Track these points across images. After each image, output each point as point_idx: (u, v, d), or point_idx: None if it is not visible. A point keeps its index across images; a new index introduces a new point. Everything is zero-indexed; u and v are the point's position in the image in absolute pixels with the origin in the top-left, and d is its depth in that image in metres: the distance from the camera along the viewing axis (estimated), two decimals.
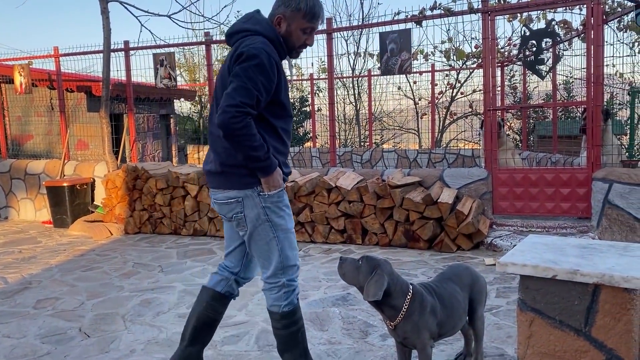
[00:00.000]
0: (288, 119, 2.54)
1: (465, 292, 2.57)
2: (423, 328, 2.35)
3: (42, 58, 8.34)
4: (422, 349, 2.36)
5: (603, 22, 5.61)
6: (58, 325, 3.67)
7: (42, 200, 7.96)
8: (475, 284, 2.63)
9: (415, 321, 2.34)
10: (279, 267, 2.52)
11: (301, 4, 2.42)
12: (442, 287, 2.50)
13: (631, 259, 1.76)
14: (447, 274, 2.64)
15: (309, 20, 2.44)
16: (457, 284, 2.56)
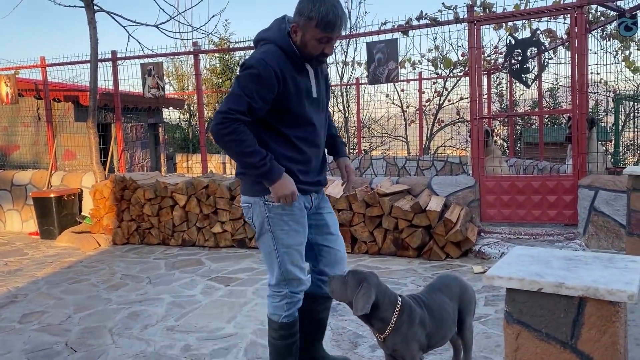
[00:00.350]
0: (308, 127, 2.49)
1: (454, 303, 2.58)
2: (412, 340, 2.35)
3: (29, 68, 8.29)
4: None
5: (587, 31, 5.69)
6: (44, 340, 3.63)
7: (29, 212, 7.88)
8: (464, 294, 2.63)
9: (404, 333, 2.34)
10: (280, 278, 2.55)
11: (313, 12, 2.28)
12: (431, 299, 2.51)
13: (615, 271, 1.78)
14: (436, 284, 2.64)
15: (322, 29, 2.30)
16: (446, 295, 2.56)
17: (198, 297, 4.44)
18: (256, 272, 5.13)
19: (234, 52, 14.21)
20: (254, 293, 4.46)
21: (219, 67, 15.14)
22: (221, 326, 3.75)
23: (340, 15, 2.31)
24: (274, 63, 2.33)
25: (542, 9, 5.59)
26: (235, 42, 9.85)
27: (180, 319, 3.94)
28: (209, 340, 3.51)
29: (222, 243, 6.20)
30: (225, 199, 6.09)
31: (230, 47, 10.50)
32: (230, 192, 6.09)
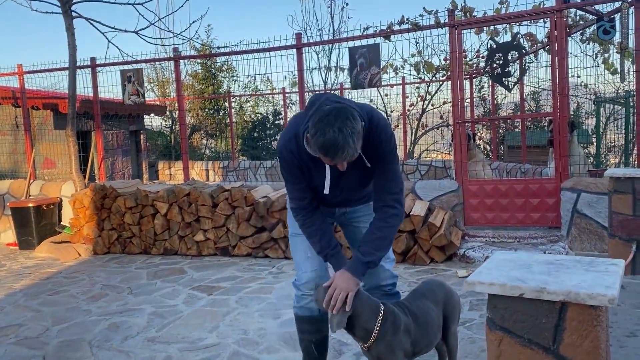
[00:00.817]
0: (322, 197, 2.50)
1: (438, 309, 2.55)
2: (397, 348, 2.32)
3: (6, 76, 8.15)
4: None
5: (567, 34, 5.73)
6: (21, 354, 3.53)
7: (7, 222, 7.72)
8: (449, 301, 2.61)
9: (388, 341, 2.31)
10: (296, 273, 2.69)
11: (314, 138, 2.10)
12: (415, 305, 2.47)
13: (596, 275, 1.76)
14: (420, 290, 2.61)
15: (324, 155, 2.14)
16: (430, 300, 2.53)
17: (180, 306, 4.37)
18: (239, 280, 5.07)
19: (215, 58, 14.17)
20: (237, 302, 4.40)
21: (201, 73, 15.07)
22: (203, 336, 3.68)
23: (340, 147, 2.06)
24: (294, 146, 2.34)
25: (522, 13, 5.62)
26: (217, 47, 9.78)
27: (161, 329, 3.86)
28: (190, 351, 3.44)
29: (205, 251, 6.12)
30: (208, 207, 6.02)
31: (212, 53, 10.43)
32: (212, 200, 6.02)
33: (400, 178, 2.41)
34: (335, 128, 2.04)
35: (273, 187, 6.47)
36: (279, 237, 5.79)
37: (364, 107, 2.35)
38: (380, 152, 2.33)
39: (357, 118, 2.13)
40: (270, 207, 5.78)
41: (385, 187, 2.38)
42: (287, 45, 6.69)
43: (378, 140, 2.30)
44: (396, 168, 2.38)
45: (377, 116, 2.35)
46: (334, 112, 2.08)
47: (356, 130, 2.09)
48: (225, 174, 12.35)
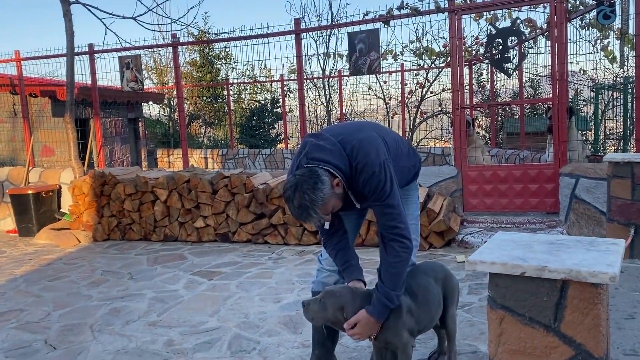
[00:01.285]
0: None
1: (438, 286, 2.57)
2: (401, 329, 2.37)
3: (3, 62, 8.10)
4: (404, 350, 2.38)
5: (566, 20, 5.71)
6: (22, 338, 3.55)
7: (6, 209, 7.71)
8: (448, 281, 2.63)
9: (393, 326, 2.35)
10: None
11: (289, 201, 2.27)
12: (415, 283, 2.49)
13: (597, 254, 1.77)
14: (420, 267, 2.65)
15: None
16: (431, 277, 2.56)
17: (181, 291, 4.39)
18: (239, 265, 5.09)
19: (213, 45, 14.10)
20: (237, 287, 4.42)
21: (199, 61, 15.00)
22: (204, 320, 3.70)
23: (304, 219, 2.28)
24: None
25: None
26: (215, 34, 9.73)
27: (162, 314, 3.89)
28: (192, 335, 3.47)
29: (205, 237, 6.14)
30: (207, 193, 6.03)
31: (210, 39, 10.38)
32: (212, 186, 6.02)
33: (398, 212, 2.34)
34: (295, 204, 2.24)
35: (272, 174, 6.47)
36: (278, 223, 5.80)
37: (352, 146, 2.31)
38: (367, 192, 2.35)
39: (322, 184, 2.22)
40: (270, 194, 5.79)
41: (384, 224, 2.36)
42: (285, 31, 6.66)
43: (362, 182, 2.32)
44: (391, 203, 2.32)
45: (360, 159, 2.30)
46: (294, 186, 2.23)
47: (317, 200, 2.21)
48: (224, 162, 12.34)
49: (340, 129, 2.47)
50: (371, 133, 2.43)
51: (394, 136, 2.64)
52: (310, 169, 2.26)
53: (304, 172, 2.26)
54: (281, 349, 3.17)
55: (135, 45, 7.39)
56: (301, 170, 2.28)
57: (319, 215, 2.26)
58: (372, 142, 2.37)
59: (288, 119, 13.34)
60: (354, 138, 2.36)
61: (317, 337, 2.77)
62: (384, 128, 2.66)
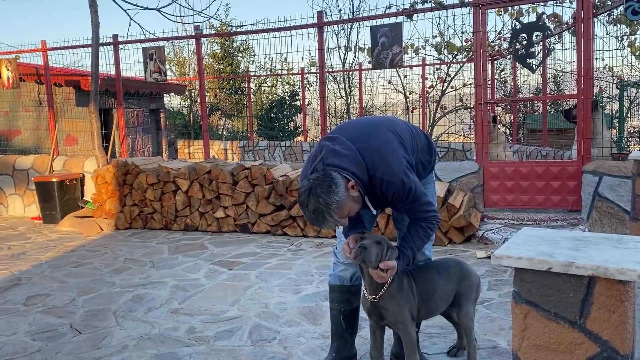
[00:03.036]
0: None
1: (448, 283, 2.58)
2: (404, 305, 2.41)
3: (30, 52, 8.24)
4: (405, 329, 2.41)
5: (593, 15, 5.62)
6: (49, 322, 3.64)
7: (31, 196, 7.88)
8: (464, 280, 2.63)
9: (396, 297, 2.40)
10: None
11: (303, 206, 2.26)
12: (419, 274, 2.56)
13: (625, 251, 1.77)
14: (433, 263, 2.68)
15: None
16: (441, 275, 2.58)
17: (202, 280, 4.45)
18: (259, 256, 5.13)
19: (234, 37, 14.15)
20: (257, 277, 4.47)
21: (220, 53, 15.07)
22: (225, 309, 3.75)
23: (319, 223, 2.25)
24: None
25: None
26: (237, 26, 9.77)
27: (184, 301, 3.95)
28: (213, 323, 3.52)
29: (225, 228, 6.20)
30: (228, 184, 6.08)
31: (233, 32, 10.42)
32: (232, 177, 6.07)
33: (425, 202, 2.39)
34: (310, 208, 2.21)
35: (292, 166, 6.50)
36: (297, 215, 5.83)
37: (371, 157, 2.30)
38: (394, 199, 2.37)
39: (337, 188, 2.19)
40: (289, 186, 5.82)
41: (416, 217, 2.44)
42: (308, 24, 6.66)
43: (387, 193, 2.34)
44: (419, 201, 2.37)
45: (382, 171, 2.29)
46: (308, 190, 2.21)
47: (332, 204, 2.19)
48: (243, 154, 12.42)
49: (356, 132, 2.40)
50: (387, 136, 2.40)
51: (409, 129, 2.60)
52: (324, 172, 2.25)
53: (318, 175, 2.24)
54: (301, 339, 3.21)
55: (158, 37, 7.46)
56: (315, 174, 2.27)
57: (335, 219, 2.24)
58: (390, 147, 2.35)
59: (307, 112, 13.37)
60: (371, 144, 2.33)
61: (336, 330, 2.80)
62: (397, 122, 2.61)
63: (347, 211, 2.27)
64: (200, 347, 3.16)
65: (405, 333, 2.41)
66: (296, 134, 14.63)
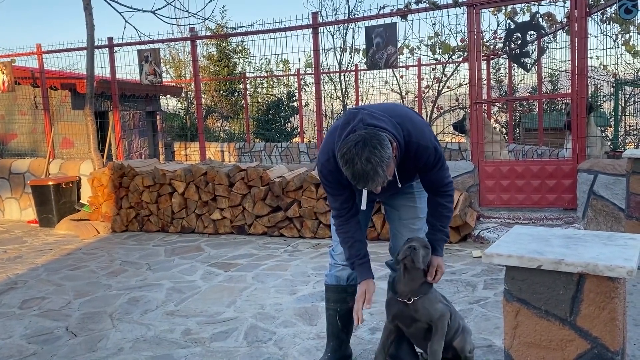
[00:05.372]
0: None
1: None
2: (435, 299, 2.44)
3: (25, 55, 8.23)
4: (440, 319, 2.39)
5: (587, 14, 5.64)
6: (44, 325, 3.64)
7: (27, 200, 7.87)
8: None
9: (427, 293, 2.43)
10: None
11: (340, 163, 2.14)
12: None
13: (615, 248, 1.78)
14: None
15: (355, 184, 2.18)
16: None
17: (198, 282, 4.45)
18: (255, 258, 5.13)
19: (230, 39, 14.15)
20: (253, 278, 4.47)
21: (216, 55, 15.07)
22: (221, 310, 3.76)
23: (369, 178, 2.08)
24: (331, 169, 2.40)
25: None
26: (232, 28, 9.78)
27: (180, 303, 3.95)
28: (209, 324, 3.52)
29: (222, 230, 6.20)
30: (224, 186, 6.08)
31: (228, 33, 10.43)
32: (229, 179, 6.07)
33: (447, 168, 2.46)
34: (363, 159, 2.05)
35: (288, 167, 6.50)
36: (294, 216, 5.84)
37: (403, 124, 2.30)
38: (423, 167, 2.40)
39: (387, 144, 2.11)
40: (286, 187, 5.82)
41: (438, 184, 2.47)
42: (303, 25, 6.67)
43: (419, 159, 2.35)
44: (443, 167, 2.43)
45: (417, 136, 2.31)
46: (361, 142, 2.07)
47: (385, 157, 2.07)
48: (240, 155, 12.42)
49: (378, 106, 2.40)
50: (410, 110, 2.50)
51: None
52: (370, 130, 2.13)
53: (368, 131, 2.11)
54: (297, 340, 3.21)
55: (154, 39, 7.47)
56: (361, 130, 2.14)
57: (384, 176, 2.09)
58: (417, 117, 2.47)
59: (304, 113, 13.37)
60: (400, 114, 2.35)
61: (332, 330, 2.80)
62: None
63: (390, 172, 2.15)
64: (196, 349, 3.16)
65: (440, 321, 2.40)
66: (293, 135, 14.63)
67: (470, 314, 3.48)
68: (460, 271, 4.38)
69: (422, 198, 2.68)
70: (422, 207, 2.68)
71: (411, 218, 2.69)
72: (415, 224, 2.69)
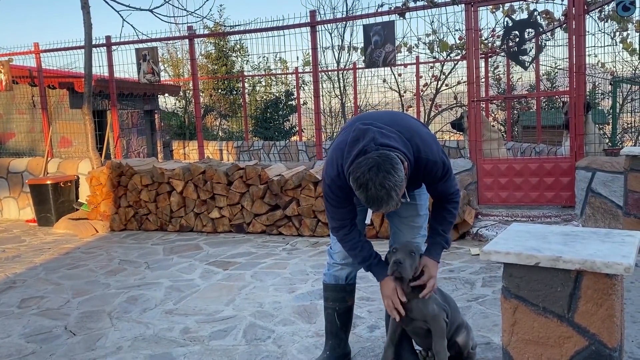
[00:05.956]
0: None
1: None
2: (429, 301, 2.44)
3: (23, 54, 8.21)
4: (433, 319, 2.42)
5: (584, 12, 5.64)
6: (43, 324, 3.64)
7: (26, 199, 7.86)
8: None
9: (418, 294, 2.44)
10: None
11: (354, 186, 2.15)
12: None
13: (612, 245, 1.78)
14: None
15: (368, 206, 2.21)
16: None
17: (196, 281, 4.45)
18: (254, 256, 5.14)
19: (229, 37, 14.14)
20: (252, 277, 4.47)
21: (214, 53, 15.05)
22: (220, 309, 3.76)
23: (383, 203, 2.10)
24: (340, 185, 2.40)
25: None
26: (230, 26, 9.77)
27: (178, 302, 3.95)
28: (207, 323, 3.52)
29: (220, 228, 6.20)
30: (223, 185, 6.08)
31: (226, 32, 10.42)
32: (227, 178, 6.07)
33: (452, 180, 2.47)
34: (377, 184, 2.07)
35: (287, 166, 6.50)
36: (292, 214, 5.84)
37: (412, 139, 2.30)
38: (431, 180, 2.43)
39: (399, 167, 2.11)
40: (284, 185, 5.82)
41: (446, 193, 2.49)
42: (301, 23, 6.66)
43: (428, 174, 2.38)
44: (450, 178, 2.45)
45: (425, 151, 2.32)
46: (375, 167, 2.08)
47: (398, 182, 2.09)
48: (239, 154, 12.42)
49: (385, 119, 2.37)
50: (415, 121, 2.49)
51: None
52: (383, 152, 2.14)
53: (379, 154, 2.12)
54: (295, 338, 3.22)
55: (151, 38, 7.46)
56: (373, 153, 2.14)
57: (399, 198, 2.12)
58: (425, 130, 2.45)
59: (302, 112, 13.37)
60: (407, 129, 2.33)
61: (330, 328, 2.81)
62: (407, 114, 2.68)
63: (402, 193, 2.17)
64: (194, 347, 3.16)
65: (435, 321, 2.42)
66: (291, 133, 14.63)
67: (469, 311, 3.48)
68: (458, 269, 4.39)
69: (422, 195, 2.69)
70: (422, 204, 2.69)
71: (411, 216, 2.69)
72: (415, 222, 2.70)
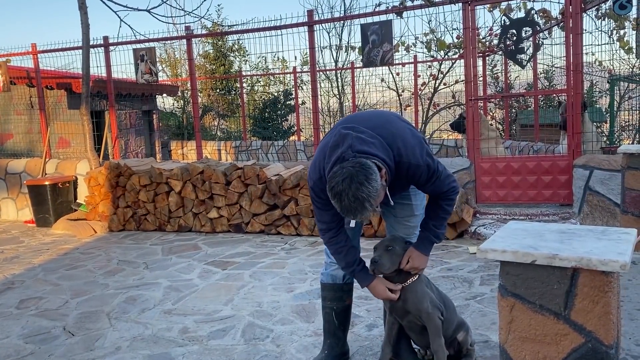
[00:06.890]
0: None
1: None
2: (424, 295, 2.47)
3: (20, 55, 8.20)
4: (428, 316, 2.44)
5: (582, 10, 5.65)
6: (42, 325, 3.64)
7: (24, 200, 7.85)
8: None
9: (414, 288, 2.48)
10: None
11: (329, 195, 2.18)
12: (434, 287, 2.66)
13: (608, 242, 1.79)
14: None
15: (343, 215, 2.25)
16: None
17: (195, 280, 4.45)
18: (252, 256, 5.14)
19: (226, 37, 14.14)
20: (250, 276, 4.48)
21: (212, 53, 15.05)
22: (218, 308, 3.76)
23: (357, 213, 2.14)
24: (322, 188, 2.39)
25: None
26: (228, 26, 9.77)
27: (177, 302, 3.95)
28: (206, 323, 3.53)
29: (219, 228, 6.20)
30: (221, 185, 6.09)
31: (224, 31, 10.42)
32: (225, 178, 6.08)
33: (447, 175, 2.44)
34: (350, 196, 2.09)
35: (285, 165, 6.50)
36: (291, 214, 5.84)
37: (394, 144, 2.29)
38: (416, 183, 2.43)
39: (374, 177, 2.12)
40: (283, 185, 5.83)
41: (440, 191, 2.47)
42: (299, 22, 6.66)
43: (411, 177, 2.37)
44: (441, 175, 2.41)
45: (407, 155, 2.30)
46: (348, 179, 2.09)
47: (372, 192, 2.10)
48: (237, 154, 12.42)
49: (370, 122, 2.36)
50: (401, 124, 2.44)
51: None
52: (358, 160, 2.15)
53: (354, 163, 2.13)
54: (294, 337, 3.22)
55: (149, 38, 7.45)
56: (349, 162, 2.15)
57: (373, 208, 2.15)
58: (409, 133, 2.39)
59: (300, 111, 13.36)
60: (391, 132, 2.32)
61: (329, 327, 2.81)
62: (397, 115, 2.64)
63: (379, 201, 2.20)
64: (193, 347, 3.16)
65: (429, 319, 2.44)
66: (290, 133, 14.62)
67: (467, 310, 3.49)
68: (456, 267, 4.40)
69: (418, 195, 2.69)
70: (417, 204, 2.69)
71: (407, 216, 2.70)
72: (410, 221, 2.70)
